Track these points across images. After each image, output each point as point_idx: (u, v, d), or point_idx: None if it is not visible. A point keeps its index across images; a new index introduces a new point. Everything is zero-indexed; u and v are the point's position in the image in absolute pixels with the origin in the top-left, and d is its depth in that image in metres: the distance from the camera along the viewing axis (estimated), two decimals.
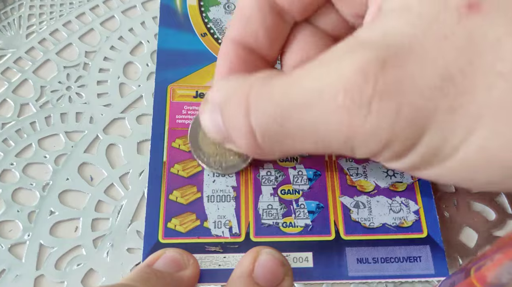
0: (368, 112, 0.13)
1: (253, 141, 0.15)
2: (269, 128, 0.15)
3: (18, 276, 0.20)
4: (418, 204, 0.21)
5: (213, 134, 0.17)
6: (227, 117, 0.16)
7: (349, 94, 0.13)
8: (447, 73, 0.12)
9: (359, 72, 0.12)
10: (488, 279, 0.13)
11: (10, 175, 0.23)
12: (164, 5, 0.27)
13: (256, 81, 0.15)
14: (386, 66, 0.12)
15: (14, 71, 0.26)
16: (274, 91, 0.14)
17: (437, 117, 0.12)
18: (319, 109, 0.13)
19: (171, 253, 0.19)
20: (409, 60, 0.12)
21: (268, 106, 0.14)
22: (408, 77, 0.12)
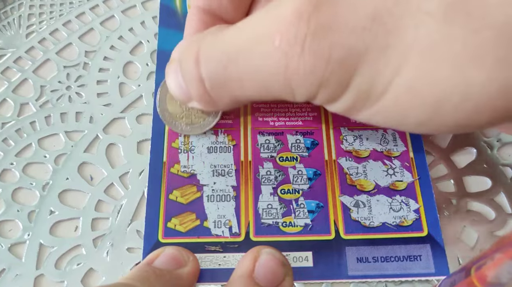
0: (302, 52, 0.13)
1: (202, 89, 0.16)
2: (215, 74, 0.15)
3: (18, 276, 0.20)
4: (419, 203, 0.21)
5: (176, 93, 0.18)
6: (183, 70, 0.17)
7: (284, 36, 0.13)
8: (376, 13, 0.12)
9: (293, 14, 0.13)
10: (489, 279, 0.13)
11: (10, 174, 0.23)
12: (164, 5, 0.27)
13: (207, 34, 0.16)
14: (319, 6, 0.13)
15: (14, 71, 0.26)
16: (221, 40, 0.15)
17: (367, 57, 0.13)
18: (259, 53, 0.14)
19: (170, 250, 0.19)
20: (340, 1, 0.13)
21: (214, 54, 0.15)
22: (340, 16, 0.13)
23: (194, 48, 0.16)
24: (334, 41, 0.13)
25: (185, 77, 0.17)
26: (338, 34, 0.13)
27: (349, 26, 0.13)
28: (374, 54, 0.13)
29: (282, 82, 0.14)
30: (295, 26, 0.13)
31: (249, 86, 0.15)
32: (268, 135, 0.23)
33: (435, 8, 0.12)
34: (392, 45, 0.13)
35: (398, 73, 0.13)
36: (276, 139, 0.23)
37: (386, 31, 0.12)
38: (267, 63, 0.14)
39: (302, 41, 0.13)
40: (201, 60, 0.16)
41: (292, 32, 0.13)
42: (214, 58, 0.15)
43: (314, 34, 0.13)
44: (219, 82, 0.16)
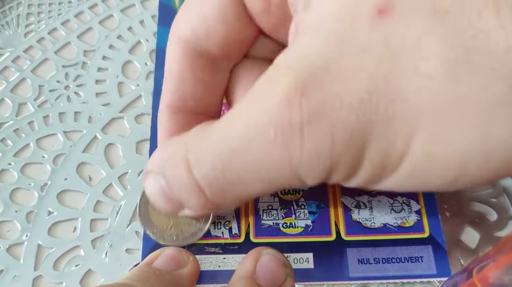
0: (303, 142, 0.12)
1: (203, 198, 0.15)
2: (214, 179, 0.14)
3: (16, 277, 0.20)
4: (420, 204, 0.21)
5: (163, 205, 0.16)
6: (171, 180, 0.15)
7: (279, 128, 0.12)
8: (372, 84, 0.11)
9: (282, 104, 0.12)
10: (490, 280, 0.13)
11: (8, 175, 0.23)
12: (163, 4, 0.27)
13: (191, 136, 0.15)
14: (306, 90, 0.12)
15: (12, 71, 0.26)
16: (210, 141, 0.14)
17: (374, 131, 0.12)
18: (256, 151, 0.13)
19: (170, 251, 0.19)
20: (328, 79, 0.12)
21: (206, 158, 0.14)
22: (332, 96, 0.12)
23: (180, 155, 0.14)
24: (332, 123, 0.12)
25: (175, 188, 0.15)
26: (335, 115, 0.12)
27: (345, 104, 0.12)
28: (379, 127, 0.12)
29: (288, 174, 0.13)
30: (287, 115, 0.12)
31: (254, 185, 0.14)
32: None
33: (435, 67, 0.11)
34: (397, 113, 0.12)
35: (411, 141, 0.12)
36: None
37: (387, 100, 0.12)
38: (268, 159, 0.13)
39: (299, 130, 0.12)
40: (193, 166, 0.14)
41: (286, 122, 0.12)
42: (207, 163, 0.14)
43: (309, 120, 0.12)
44: (220, 186, 0.14)
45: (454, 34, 0.11)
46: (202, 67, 0.17)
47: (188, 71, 0.17)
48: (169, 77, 0.17)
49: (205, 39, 0.16)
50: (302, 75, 0.12)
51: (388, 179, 0.13)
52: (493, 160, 0.12)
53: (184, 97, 0.17)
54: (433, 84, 0.11)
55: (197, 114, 0.17)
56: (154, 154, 0.16)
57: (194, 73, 0.17)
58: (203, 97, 0.17)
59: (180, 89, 0.17)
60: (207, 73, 0.17)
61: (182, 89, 0.17)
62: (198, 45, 0.16)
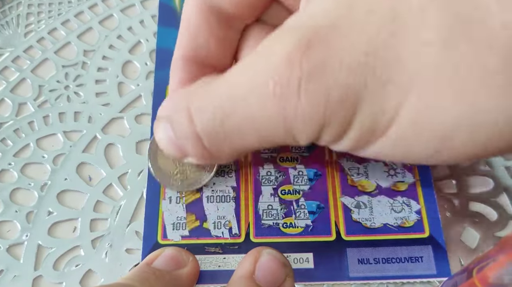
0: (299, 97, 0.13)
1: (201, 147, 0.15)
2: (212, 129, 0.15)
3: (16, 277, 0.20)
4: (420, 204, 0.21)
5: (169, 150, 0.17)
6: (176, 128, 0.16)
7: (278, 82, 0.13)
8: (371, 47, 0.12)
9: (284, 58, 0.12)
10: (490, 280, 0.13)
11: (8, 175, 0.23)
12: (163, 4, 0.27)
13: (196, 87, 0.15)
14: (310, 47, 0.12)
15: (12, 71, 0.26)
16: (213, 93, 0.14)
17: (367, 93, 0.12)
18: (254, 103, 0.13)
19: (170, 251, 0.19)
20: (333, 38, 0.12)
21: (208, 108, 0.14)
22: (333, 55, 0.12)
23: (184, 104, 0.15)
24: (329, 81, 0.12)
25: (178, 135, 0.16)
26: (333, 74, 0.12)
27: (344, 64, 0.12)
28: (374, 90, 0.12)
29: (282, 129, 0.14)
30: (287, 71, 0.12)
31: (250, 137, 0.15)
32: None
33: (434, 36, 0.11)
34: (392, 78, 0.12)
35: (401, 106, 0.12)
36: None
37: (384, 65, 0.12)
38: (265, 112, 0.13)
39: (297, 86, 0.12)
40: (195, 116, 0.15)
41: (285, 78, 0.12)
42: (208, 113, 0.14)
43: (308, 78, 0.12)
44: (218, 137, 0.15)
45: (455, 5, 0.11)
46: (216, 23, 0.17)
47: (203, 25, 0.17)
48: (184, 29, 0.18)
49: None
50: (307, 33, 0.12)
51: (374, 144, 0.14)
52: (479, 134, 0.12)
53: (197, 48, 0.18)
54: (430, 51, 0.11)
55: (208, 67, 0.18)
56: (165, 101, 0.17)
57: (208, 28, 0.17)
58: (215, 51, 0.18)
59: (194, 41, 0.18)
60: (220, 29, 0.17)
61: (196, 41, 0.18)
62: (214, 1, 0.17)
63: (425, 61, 0.11)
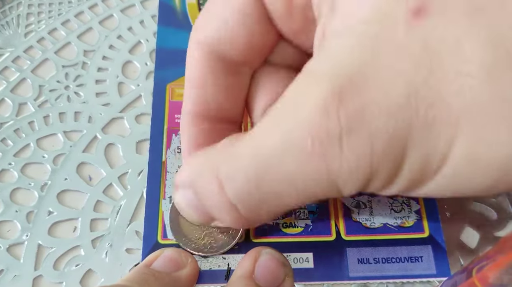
0: (341, 152, 0.12)
1: (237, 215, 0.14)
2: (248, 196, 0.14)
3: (17, 277, 0.20)
4: (420, 204, 0.21)
5: (194, 218, 0.16)
6: (202, 196, 0.15)
7: (316, 139, 0.12)
8: (411, 87, 0.11)
9: (318, 112, 0.12)
10: (490, 280, 0.13)
11: (8, 174, 0.23)
12: (163, 3, 0.27)
13: (220, 151, 0.14)
14: (343, 97, 0.11)
15: (12, 71, 0.26)
16: (241, 155, 0.13)
17: (414, 136, 0.12)
18: (291, 161, 0.12)
19: (169, 252, 0.19)
20: (365, 84, 0.11)
21: (239, 174, 0.13)
22: (370, 103, 0.11)
23: (210, 171, 0.14)
24: (371, 130, 0.11)
25: (206, 203, 0.15)
26: (374, 121, 0.11)
27: (383, 110, 0.11)
28: (420, 132, 0.11)
29: (326, 185, 0.13)
30: (324, 125, 0.12)
31: (288, 197, 0.14)
32: None
33: (477, 68, 0.11)
34: (437, 117, 0.11)
35: (452, 145, 0.11)
36: None
37: (427, 104, 0.11)
38: (304, 169, 0.12)
39: (338, 141, 0.12)
40: (225, 183, 0.14)
41: (323, 132, 0.12)
42: (240, 180, 0.13)
43: (348, 129, 0.11)
44: (253, 201, 0.14)
45: (494, 33, 0.11)
46: (223, 72, 0.16)
47: (210, 76, 0.16)
48: (190, 83, 0.17)
49: (226, 43, 0.16)
50: (338, 81, 0.12)
51: (426, 185, 0.13)
52: None
53: (206, 103, 0.17)
54: (475, 86, 0.11)
55: (220, 122, 0.17)
56: (183, 167, 0.16)
57: (215, 79, 0.16)
58: (225, 103, 0.17)
59: (202, 96, 0.17)
60: (228, 78, 0.16)
61: (204, 96, 0.17)
62: (219, 49, 0.16)
63: (470, 96, 0.11)
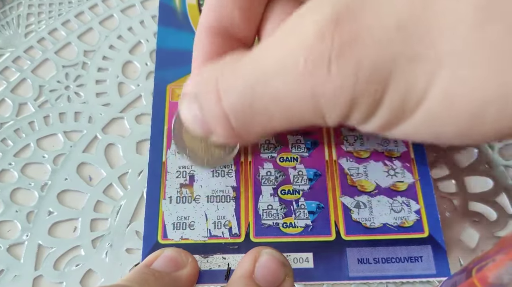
0: (329, 73, 0.12)
1: (229, 126, 0.15)
2: (240, 108, 0.14)
3: (17, 277, 0.20)
4: (419, 204, 0.21)
5: (195, 128, 0.17)
6: (203, 107, 0.16)
7: (308, 59, 0.12)
8: (402, 22, 0.12)
9: (314, 34, 0.12)
10: (490, 280, 0.13)
11: (8, 175, 0.23)
12: (163, 4, 0.27)
13: (224, 65, 0.15)
14: (340, 22, 0.12)
15: (12, 71, 0.26)
16: (241, 71, 0.14)
17: (397, 69, 0.12)
18: (284, 81, 0.13)
19: (169, 252, 0.19)
20: (362, 12, 0.12)
21: (236, 86, 0.14)
22: (364, 30, 0.12)
23: (212, 82, 0.15)
24: (360, 57, 0.12)
25: (206, 114, 0.16)
26: (364, 49, 0.12)
27: (375, 39, 0.12)
28: (404, 65, 0.12)
29: (311, 107, 0.13)
30: (318, 47, 0.12)
31: (278, 116, 0.14)
32: None
33: (467, 11, 0.11)
34: (423, 54, 0.12)
35: (432, 83, 0.12)
36: (277, 140, 0.22)
37: (415, 40, 0.12)
38: (295, 89, 0.13)
39: (327, 62, 0.12)
40: (223, 95, 0.15)
41: (316, 53, 0.12)
42: (237, 92, 0.14)
43: (338, 53, 0.12)
44: (246, 117, 0.15)
45: None
46: None
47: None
48: (209, 0, 0.18)
49: None
50: (337, 7, 0.12)
51: (405, 123, 0.13)
52: (509, 111, 0.11)
53: (222, 19, 0.18)
54: (463, 25, 0.11)
55: (232, 40, 0.18)
56: (190, 78, 0.17)
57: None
58: (239, 22, 0.18)
59: (218, 12, 0.18)
60: (245, 0, 0.17)
61: (220, 12, 0.18)
62: None
63: (456, 37, 0.11)
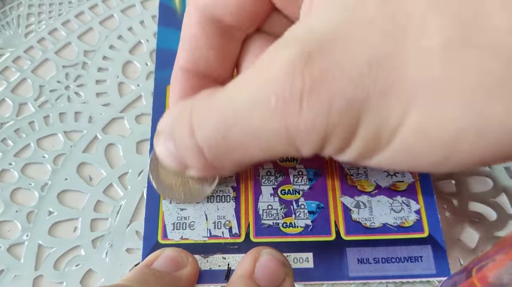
0: (301, 110, 0.13)
1: (203, 159, 0.15)
2: (214, 141, 0.15)
3: (17, 277, 0.20)
4: (419, 204, 0.21)
5: (170, 163, 0.17)
6: (177, 141, 0.16)
7: (280, 96, 0.13)
8: (373, 57, 0.12)
9: (285, 72, 0.12)
10: (490, 280, 0.13)
11: (8, 175, 0.23)
12: (163, 5, 0.27)
13: (198, 100, 0.15)
14: (311, 59, 0.12)
15: (12, 71, 0.26)
16: (214, 106, 0.14)
17: (370, 104, 0.12)
18: (256, 116, 0.13)
19: (169, 252, 0.19)
20: (333, 49, 0.12)
21: (210, 122, 0.14)
22: (335, 67, 0.12)
23: (186, 118, 0.15)
24: (331, 93, 0.12)
25: (179, 148, 0.16)
26: (335, 85, 0.12)
27: (345, 75, 0.12)
28: (376, 100, 0.12)
29: (285, 142, 0.14)
30: (289, 84, 0.12)
31: (252, 150, 0.14)
32: None
33: (436, 43, 0.11)
34: (394, 88, 0.12)
35: (405, 116, 0.12)
36: None
37: (386, 75, 0.12)
38: (267, 125, 0.13)
39: (299, 99, 0.12)
40: (196, 129, 0.15)
41: (287, 91, 0.12)
42: (210, 127, 0.14)
43: (310, 90, 0.12)
44: (220, 149, 0.15)
45: (457, 12, 0.11)
46: (215, 34, 0.17)
47: (202, 36, 0.17)
48: (184, 40, 0.18)
49: (221, 7, 0.17)
50: (308, 45, 0.12)
51: (380, 154, 0.13)
52: (486, 139, 0.12)
53: (197, 60, 0.18)
54: (432, 60, 0.11)
55: (208, 80, 0.18)
56: (165, 114, 0.17)
57: (207, 39, 0.17)
58: (215, 62, 0.18)
59: (193, 53, 0.18)
60: (220, 40, 0.18)
61: (196, 53, 0.18)
62: (214, 12, 0.17)
63: (427, 70, 0.11)
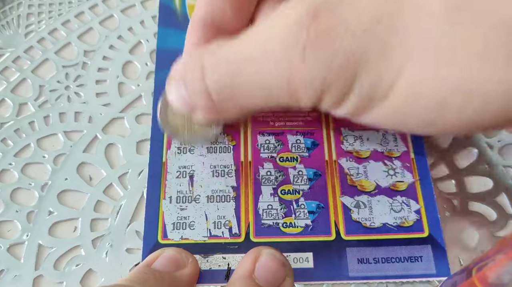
0: (304, 60, 0.14)
1: (209, 101, 0.16)
2: (222, 85, 0.16)
3: (17, 277, 0.20)
4: (419, 203, 0.21)
5: (180, 107, 0.18)
6: (188, 84, 0.17)
7: (286, 45, 0.14)
8: (377, 16, 0.13)
9: (294, 24, 0.14)
10: (490, 280, 0.13)
11: (8, 175, 0.23)
12: (163, 5, 0.27)
13: (211, 47, 0.16)
14: (318, 14, 0.13)
15: (12, 71, 0.26)
16: (227, 51, 0.15)
17: (368, 60, 0.13)
18: (263, 64, 0.14)
19: (169, 252, 0.19)
20: (341, 7, 0.13)
21: (221, 65, 0.15)
22: (340, 23, 0.13)
23: (198, 62, 0.16)
24: (333, 47, 0.13)
25: (190, 90, 0.17)
26: (338, 40, 0.13)
27: (349, 31, 0.13)
28: (374, 57, 0.13)
29: (287, 90, 0.15)
30: (295, 36, 0.13)
31: (257, 96, 0.16)
32: (268, 136, 0.23)
33: (438, 8, 0.12)
34: (393, 46, 0.13)
35: (400, 74, 0.13)
36: (276, 140, 0.22)
37: (387, 33, 0.13)
38: (272, 73, 0.14)
39: (302, 50, 0.13)
40: (207, 72, 0.16)
41: (293, 41, 0.14)
42: (220, 70, 0.15)
43: (313, 43, 0.13)
44: (226, 93, 0.16)
45: None
46: None
47: None
48: None
49: None
50: (317, 1, 0.13)
51: (373, 111, 0.14)
52: (473, 104, 0.12)
53: (214, 12, 0.19)
54: (434, 21, 0.12)
55: (223, 32, 0.19)
56: (179, 61, 0.18)
57: None
58: (230, 16, 0.19)
59: (210, 6, 0.19)
60: None
61: (212, 6, 0.19)
62: None
63: (426, 32, 0.12)
